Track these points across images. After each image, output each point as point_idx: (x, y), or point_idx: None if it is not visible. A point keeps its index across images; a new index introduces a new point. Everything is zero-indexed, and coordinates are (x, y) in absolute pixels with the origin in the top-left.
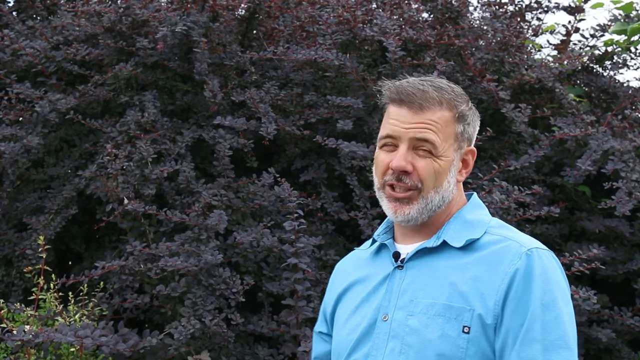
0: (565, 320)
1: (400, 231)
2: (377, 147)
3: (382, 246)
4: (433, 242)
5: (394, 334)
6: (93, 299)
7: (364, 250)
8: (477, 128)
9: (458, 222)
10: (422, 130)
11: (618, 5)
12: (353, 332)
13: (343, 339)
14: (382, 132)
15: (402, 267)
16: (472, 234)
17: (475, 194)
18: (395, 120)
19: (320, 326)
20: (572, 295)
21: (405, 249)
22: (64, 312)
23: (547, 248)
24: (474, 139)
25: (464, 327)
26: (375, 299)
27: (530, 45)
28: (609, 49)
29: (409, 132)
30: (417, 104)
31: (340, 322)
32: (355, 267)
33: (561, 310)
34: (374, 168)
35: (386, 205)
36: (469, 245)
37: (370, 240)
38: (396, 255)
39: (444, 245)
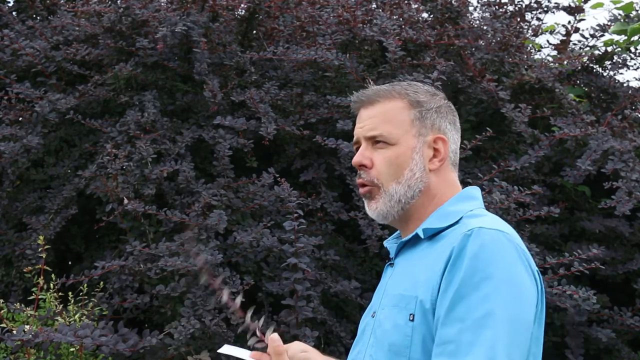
0: (496, 298)
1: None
2: None
3: None
4: (409, 236)
5: (373, 329)
6: (93, 299)
7: None
8: (453, 120)
9: (437, 215)
10: (373, 123)
11: (618, 5)
12: (358, 331)
13: None
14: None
15: (393, 264)
16: (434, 224)
17: (470, 187)
18: (356, 123)
19: None
20: (571, 295)
21: None
22: (64, 312)
23: (500, 229)
24: (448, 129)
25: (410, 315)
26: (373, 298)
27: (530, 45)
28: (609, 49)
29: (362, 130)
30: (366, 101)
31: None
32: None
33: (494, 289)
34: None
35: (365, 206)
36: (436, 236)
37: None
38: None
39: (417, 238)
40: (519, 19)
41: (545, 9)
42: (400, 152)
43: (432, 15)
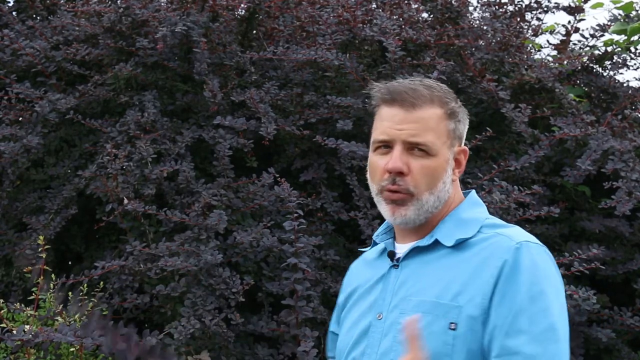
0: (555, 312)
1: (398, 231)
2: (370, 151)
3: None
4: (426, 240)
5: (387, 332)
6: (93, 299)
7: (371, 252)
8: (467, 127)
9: (452, 221)
10: (416, 129)
11: (618, 5)
12: (352, 331)
13: (343, 338)
14: (376, 135)
15: (398, 266)
16: (464, 234)
17: (473, 191)
18: (388, 121)
19: (332, 326)
20: (571, 295)
21: (403, 249)
22: (64, 312)
23: (539, 242)
24: (464, 138)
25: (451, 323)
26: (371, 297)
27: (530, 45)
28: (609, 49)
29: (402, 133)
30: (409, 102)
31: (344, 322)
32: (362, 268)
33: (550, 303)
34: (368, 173)
35: (384, 208)
36: (462, 244)
37: (372, 242)
38: (391, 254)
39: (437, 243)
40: (519, 19)
41: (545, 9)
42: (439, 164)
43: (432, 15)
